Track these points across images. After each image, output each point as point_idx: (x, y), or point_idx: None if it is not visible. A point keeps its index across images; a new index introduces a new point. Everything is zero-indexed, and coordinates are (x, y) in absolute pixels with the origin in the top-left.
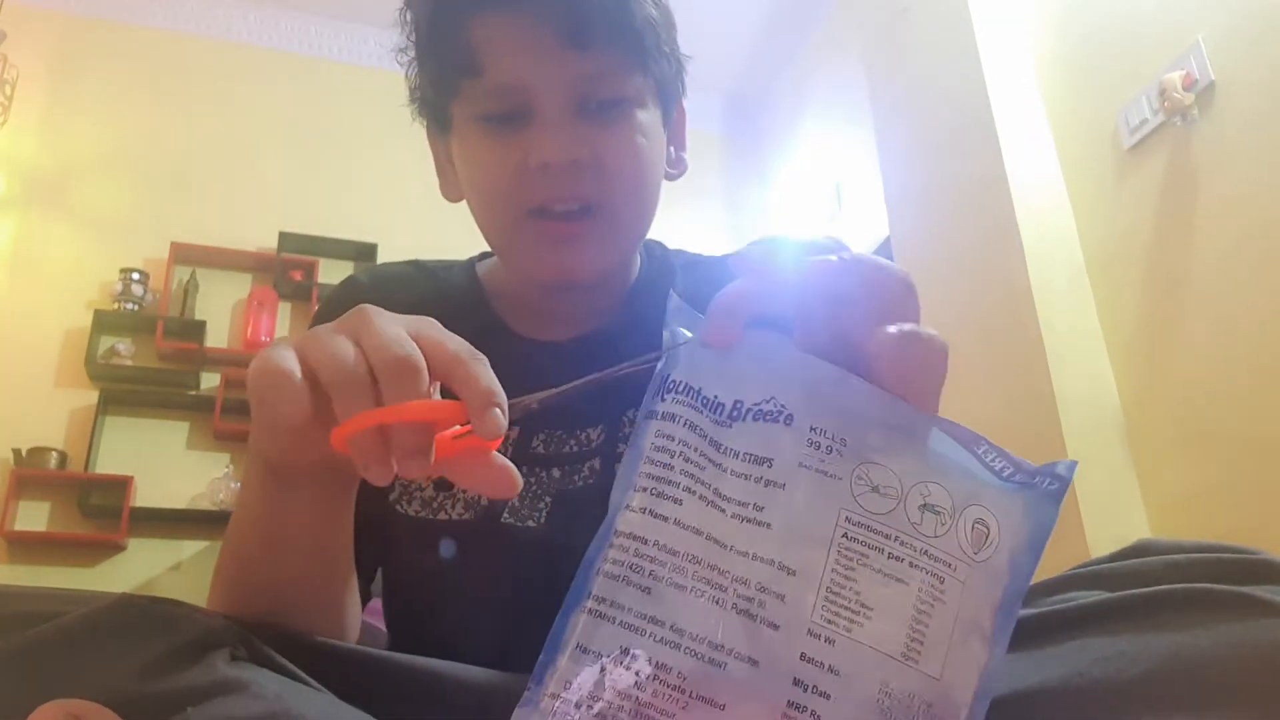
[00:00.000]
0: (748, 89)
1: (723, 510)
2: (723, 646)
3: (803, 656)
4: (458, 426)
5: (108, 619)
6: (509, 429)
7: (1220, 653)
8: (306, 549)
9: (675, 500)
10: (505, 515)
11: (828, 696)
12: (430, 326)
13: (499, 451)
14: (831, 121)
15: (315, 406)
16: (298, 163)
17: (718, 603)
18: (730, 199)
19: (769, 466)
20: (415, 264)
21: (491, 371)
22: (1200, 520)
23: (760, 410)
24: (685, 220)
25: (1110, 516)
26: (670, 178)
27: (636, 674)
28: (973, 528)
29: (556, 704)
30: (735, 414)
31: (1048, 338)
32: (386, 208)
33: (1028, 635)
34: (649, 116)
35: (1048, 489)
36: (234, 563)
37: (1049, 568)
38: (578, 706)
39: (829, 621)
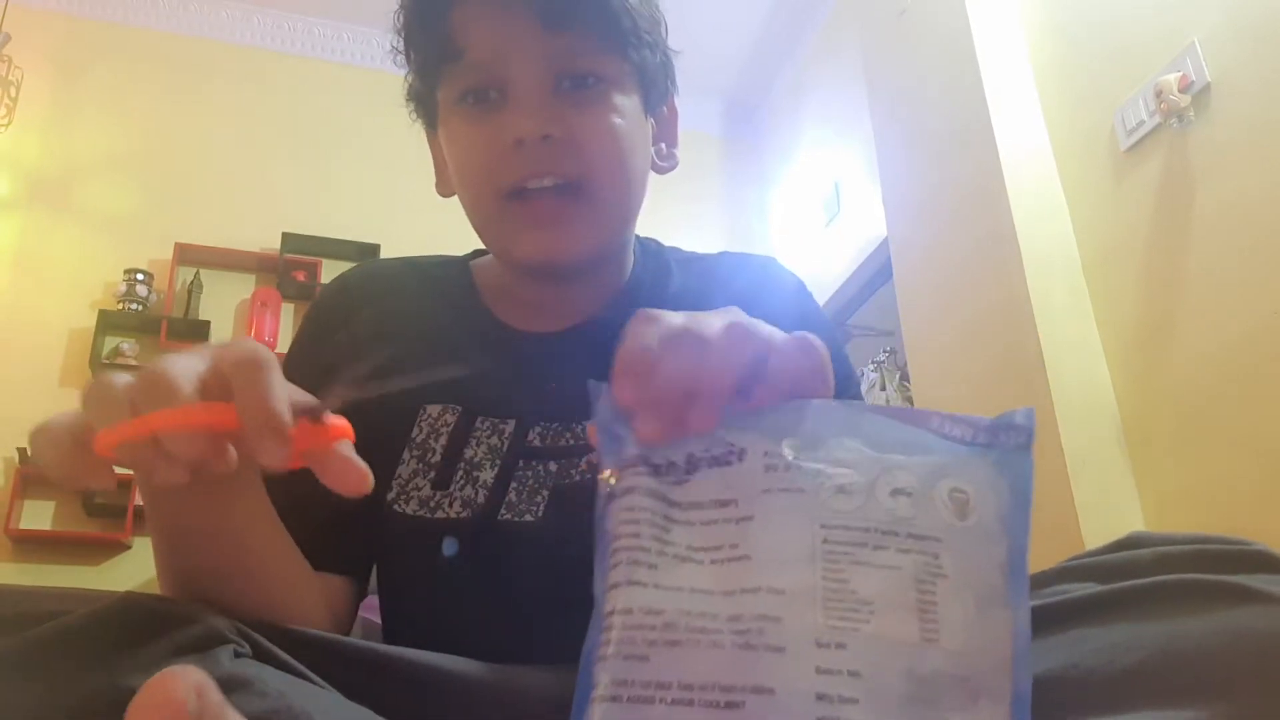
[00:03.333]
0: (747, 90)
1: (699, 561)
2: (733, 686)
3: (818, 670)
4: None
5: (111, 617)
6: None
7: (1213, 642)
8: (218, 542)
9: (650, 565)
10: (503, 511)
11: (855, 701)
12: (234, 346)
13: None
14: (830, 122)
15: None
16: (301, 164)
17: (716, 645)
18: (730, 200)
19: (735, 507)
20: (408, 261)
21: (279, 388)
22: (1197, 521)
23: (712, 456)
24: (684, 221)
25: (1107, 517)
26: (660, 170)
27: None
28: (950, 497)
29: None
30: (690, 467)
31: (1045, 338)
32: (389, 208)
33: None
34: (628, 100)
35: (1014, 443)
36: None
37: (1043, 564)
38: None
39: (834, 628)
